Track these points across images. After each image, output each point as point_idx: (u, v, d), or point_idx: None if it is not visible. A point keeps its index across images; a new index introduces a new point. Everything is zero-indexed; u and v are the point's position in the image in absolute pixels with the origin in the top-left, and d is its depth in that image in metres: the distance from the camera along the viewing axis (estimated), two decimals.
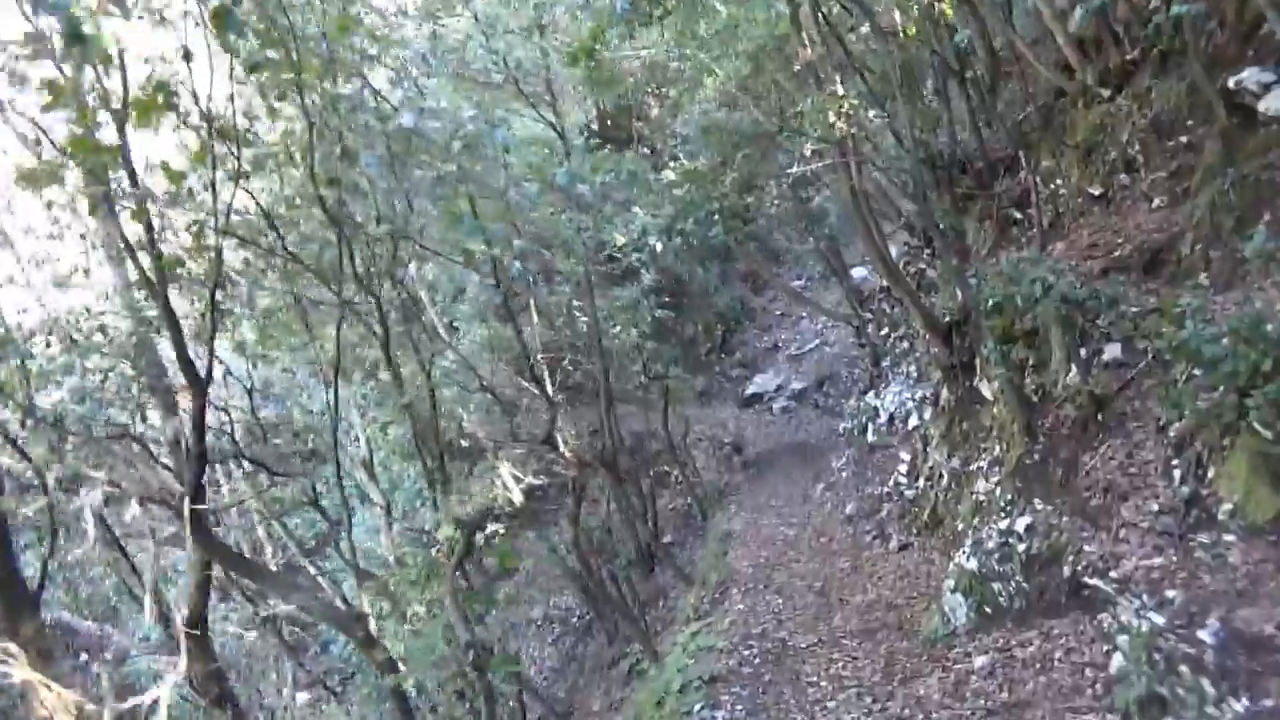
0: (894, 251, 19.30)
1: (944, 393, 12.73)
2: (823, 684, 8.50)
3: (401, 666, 8.80)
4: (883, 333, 18.89)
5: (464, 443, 16.83)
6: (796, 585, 11.47)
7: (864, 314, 19.61)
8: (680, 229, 11.34)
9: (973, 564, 8.87)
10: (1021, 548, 8.39)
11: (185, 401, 8.43)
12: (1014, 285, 8.73)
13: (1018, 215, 14.07)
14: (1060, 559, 7.96)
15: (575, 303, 15.62)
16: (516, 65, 11.92)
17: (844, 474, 15.97)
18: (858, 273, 24.43)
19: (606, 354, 17.05)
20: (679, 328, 30.52)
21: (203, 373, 7.13)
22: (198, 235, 6.57)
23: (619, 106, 24.41)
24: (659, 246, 11.08)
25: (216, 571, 10.00)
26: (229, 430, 8.93)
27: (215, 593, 13.01)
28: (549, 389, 16.36)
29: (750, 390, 27.15)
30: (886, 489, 13.74)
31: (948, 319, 12.53)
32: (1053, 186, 13.54)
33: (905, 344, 17.75)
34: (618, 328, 16.35)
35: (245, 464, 10.05)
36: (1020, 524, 8.53)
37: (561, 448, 12.14)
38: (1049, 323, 9.57)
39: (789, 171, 12.42)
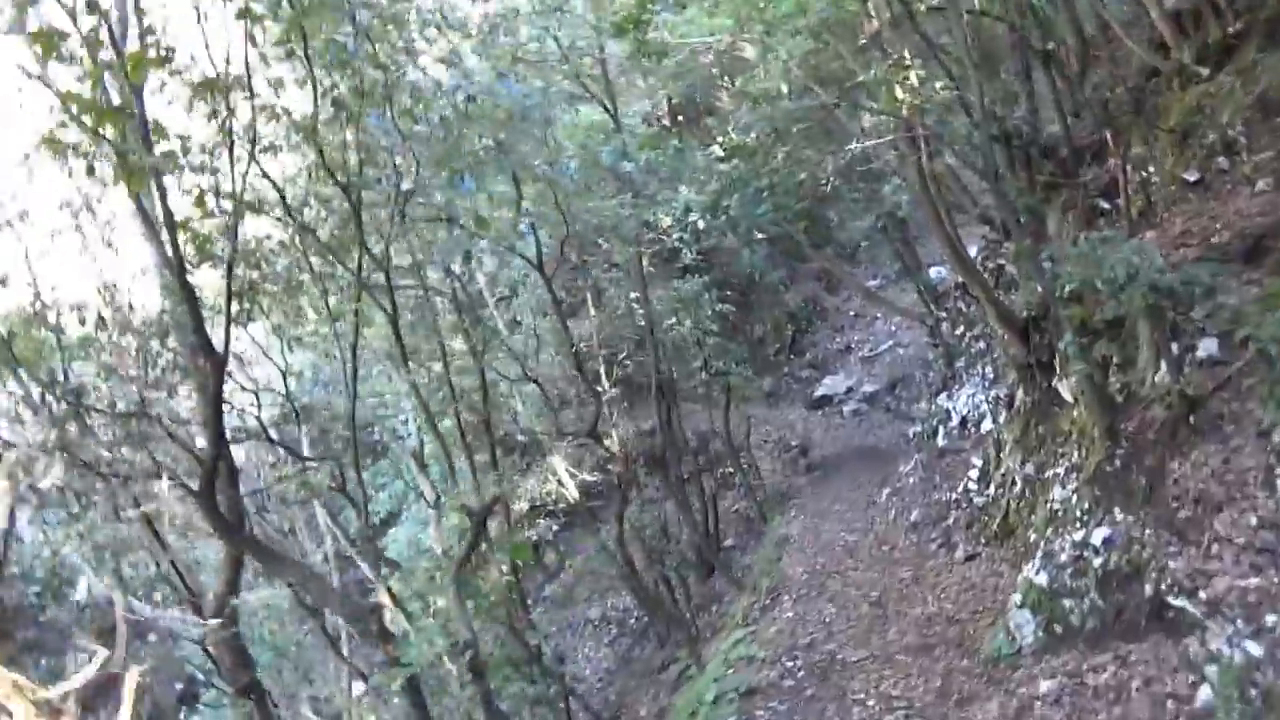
0: (972, 248, 18.37)
1: (1020, 394, 11.80)
2: (870, 703, 7.77)
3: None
4: (957, 332, 17.88)
5: (520, 436, 16.47)
6: (852, 595, 10.71)
7: (938, 312, 18.62)
8: (725, 206, 10.71)
9: (1043, 578, 8.04)
10: (1098, 562, 7.53)
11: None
12: (1095, 269, 7.84)
13: (1105, 205, 12.99)
14: (1141, 576, 7.09)
15: (633, 294, 15.08)
16: (570, 44, 11.47)
17: (911, 479, 15.07)
18: (935, 272, 23.37)
19: (664, 348, 16.54)
20: (748, 326, 29.81)
21: (220, 349, 6.82)
22: (200, 202, 6.23)
23: (688, 99, 23.83)
24: (700, 224, 10.45)
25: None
26: (256, 412, 8.63)
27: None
28: (602, 383, 15.93)
29: (820, 392, 26.29)
30: (955, 495, 12.85)
31: (1025, 314, 11.61)
32: (1144, 174, 12.46)
33: (981, 344, 16.74)
34: (673, 320, 15.73)
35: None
36: (1098, 536, 7.67)
37: (608, 442, 11.59)
38: (1135, 314, 8.66)
39: (848, 149, 11.63)
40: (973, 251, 17.87)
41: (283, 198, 6.82)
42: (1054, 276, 8.44)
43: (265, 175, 6.35)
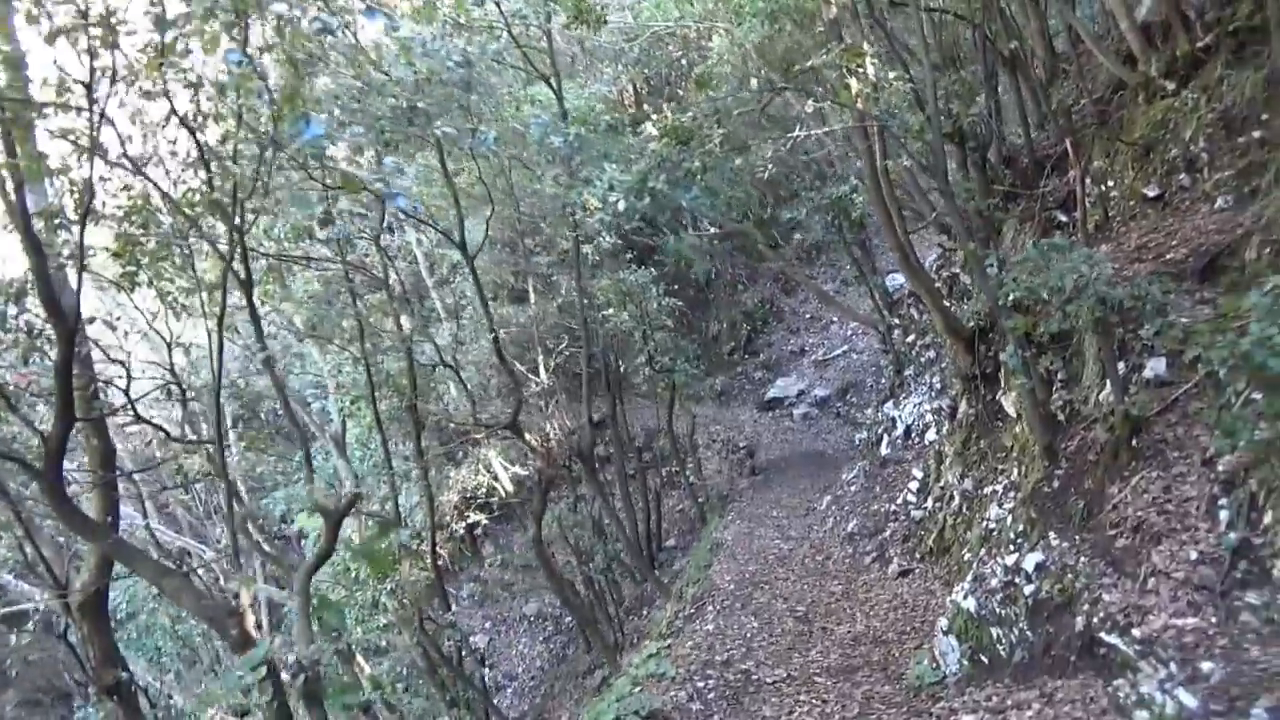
0: (930, 256, 17.96)
1: (963, 406, 11.34)
2: None
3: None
4: (909, 340, 17.45)
5: (453, 425, 15.75)
6: (778, 608, 10.15)
7: (891, 319, 18.17)
8: (651, 188, 10.09)
9: (971, 603, 7.53)
10: (1029, 589, 7.02)
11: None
12: (1042, 277, 7.32)
13: (1063, 218, 12.56)
14: (1073, 606, 6.58)
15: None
16: (515, 11, 10.75)
17: (853, 488, 14.59)
18: (892, 280, 22.98)
19: (607, 340, 15.90)
20: (703, 324, 29.32)
21: (69, 311, 6.05)
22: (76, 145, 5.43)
23: (653, 86, 23.22)
24: (621, 205, 9.80)
25: None
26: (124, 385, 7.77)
27: None
28: (540, 373, 15.25)
29: (771, 394, 25.83)
30: (894, 507, 12.37)
31: (973, 325, 11.14)
32: (1104, 187, 12.04)
33: (931, 353, 16.32)
34: (610, 311, 15.05)
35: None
36: (1030, 561, 7.16)
37: (530, 437, 10.95)
38: (1083, 329, 8.18)
39: (790, 136, 11.05)
40: (930, 260, 17.49)
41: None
42: (999, 284, 7.92)
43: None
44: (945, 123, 8.31)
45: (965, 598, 7.61)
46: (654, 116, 8.81)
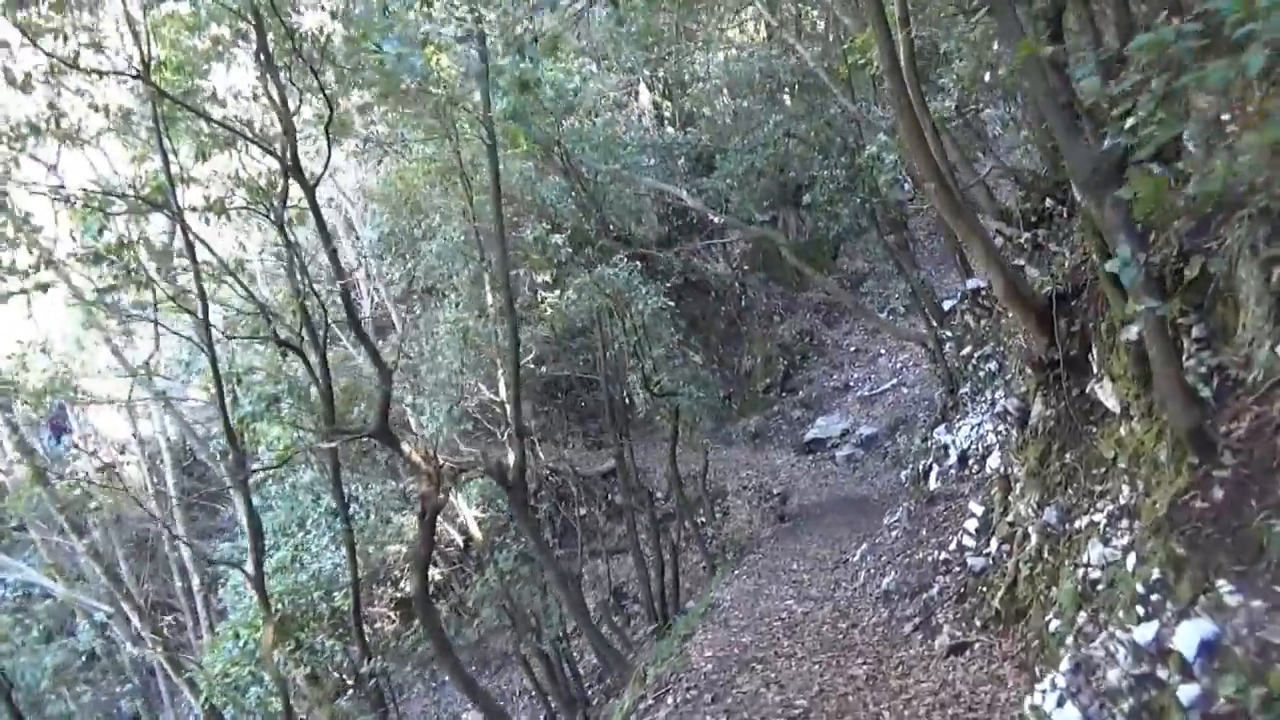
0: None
1: (1037, 406, 7.83)
2: None
3: None
4: (963, 352, 13.91)
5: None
6: (767, 703, 6.66)
7: (941, 331, 14.66)
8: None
9: (1071, 713, 4.03)
10: (1190, 692, 3.53)
11: None
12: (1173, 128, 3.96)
13: None
14: None
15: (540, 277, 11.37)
16: None
17: (894, 533, 11.04)
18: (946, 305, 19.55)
19: (592, 358, 12.80)
20: (735, 359, 25.96)
21: None
22: None
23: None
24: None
25: None
26: None
27: None
28: (501, 386, 12.12)
29: (811, 434, 22.25)
30: (944, 555, 8.82)
31: (1048, 289, 7.74)
32: None
33: (991, 364, 12.79)
34: (591, 320, 11.91)
35: None
36: (1186, 635, 3.68)
37: (405, 446, 7.75)
38: (1236, 252, 4.82)
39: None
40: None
41: None
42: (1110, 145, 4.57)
43: None
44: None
45: (1061, 701, 4.12)
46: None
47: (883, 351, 24.00)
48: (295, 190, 8.86)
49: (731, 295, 26.60)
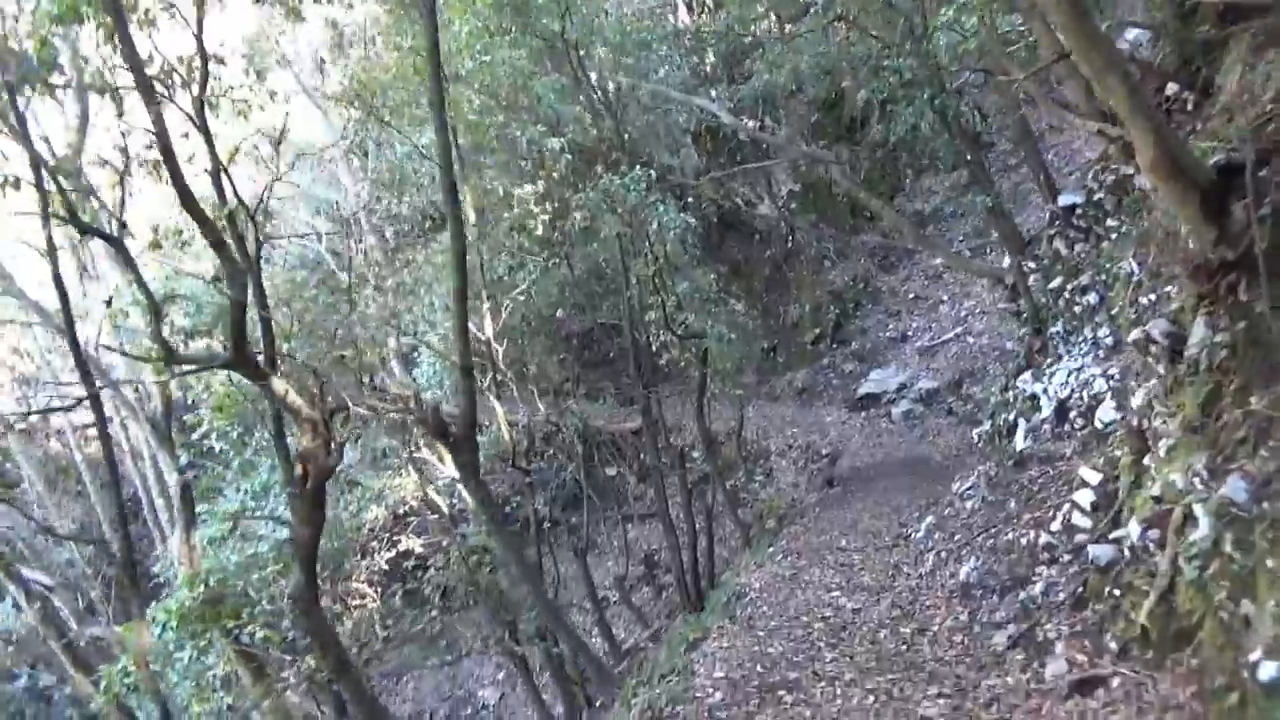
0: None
1: (1199, 330, 5.34)
2: None
3: None
4: (1052, 285, 11.33)
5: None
6: None
7: (1024, 261, 12.03)
8: None
9: None
10: None
11: None
12: None
13: None
14: None
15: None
16: None
17: (969, 503, 8.66)
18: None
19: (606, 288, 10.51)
20: (780, 308, 23.42)
21: None
22: None
23: None
24: None
25: None
26: None
27: None
28: (486, 324, 9.92)
29: (865, 389, 19.79)
30: (1046, 537, 6.42)
31: (1219, 157, 5.26)
32: None
33: (1091, 296, 10.21)
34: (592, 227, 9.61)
35: None
36: None
37: (282, 387, 5.48)
38: None
39: None
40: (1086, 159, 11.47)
41: None
42: None
43: None
44: None
45: None
46: None
47: (945, 298, 21.27)
48: None
49: (778, 238, 24.03)
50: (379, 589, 11.52)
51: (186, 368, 5.68)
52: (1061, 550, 6.22)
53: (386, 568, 11.83)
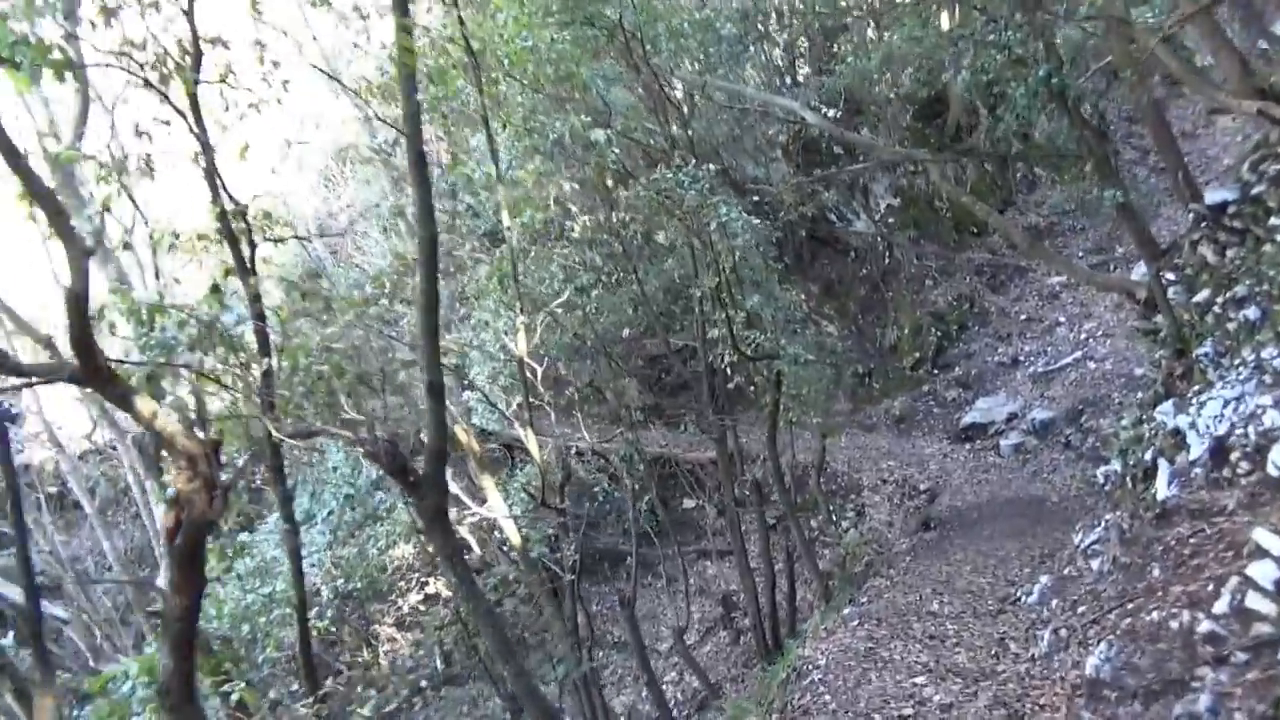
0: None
1: None
2: None
3: None
4: (1197, 299, 9.41)
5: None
6: None
7: (1163, 271, 10.11)
8: None
9: None
10: None
11: None
12: None
13: None
14: None
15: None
16: None
17: (1095, 563, 6.92)
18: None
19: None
20: (877, 330, 21.54)
21: None
22: None
23: None
24: None
25: None
26: None
27: None
28: (521, 338, 8.71)
29: (969, 419, 17.82)
30: (1210, 624, 4.73)
31: None
32: None
33: (1252, 309, 8.34)
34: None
35: None
36: None
37: (149, 408, 4.29)
38: None
39: None
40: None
41: None
42: None
43: None
44: None
45: None
46: None
47: (1062, 319, 19.08)
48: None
49: (874, 256, 22.21)
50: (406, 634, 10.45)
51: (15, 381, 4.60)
52: (1232, 645, 4.52)
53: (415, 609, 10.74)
